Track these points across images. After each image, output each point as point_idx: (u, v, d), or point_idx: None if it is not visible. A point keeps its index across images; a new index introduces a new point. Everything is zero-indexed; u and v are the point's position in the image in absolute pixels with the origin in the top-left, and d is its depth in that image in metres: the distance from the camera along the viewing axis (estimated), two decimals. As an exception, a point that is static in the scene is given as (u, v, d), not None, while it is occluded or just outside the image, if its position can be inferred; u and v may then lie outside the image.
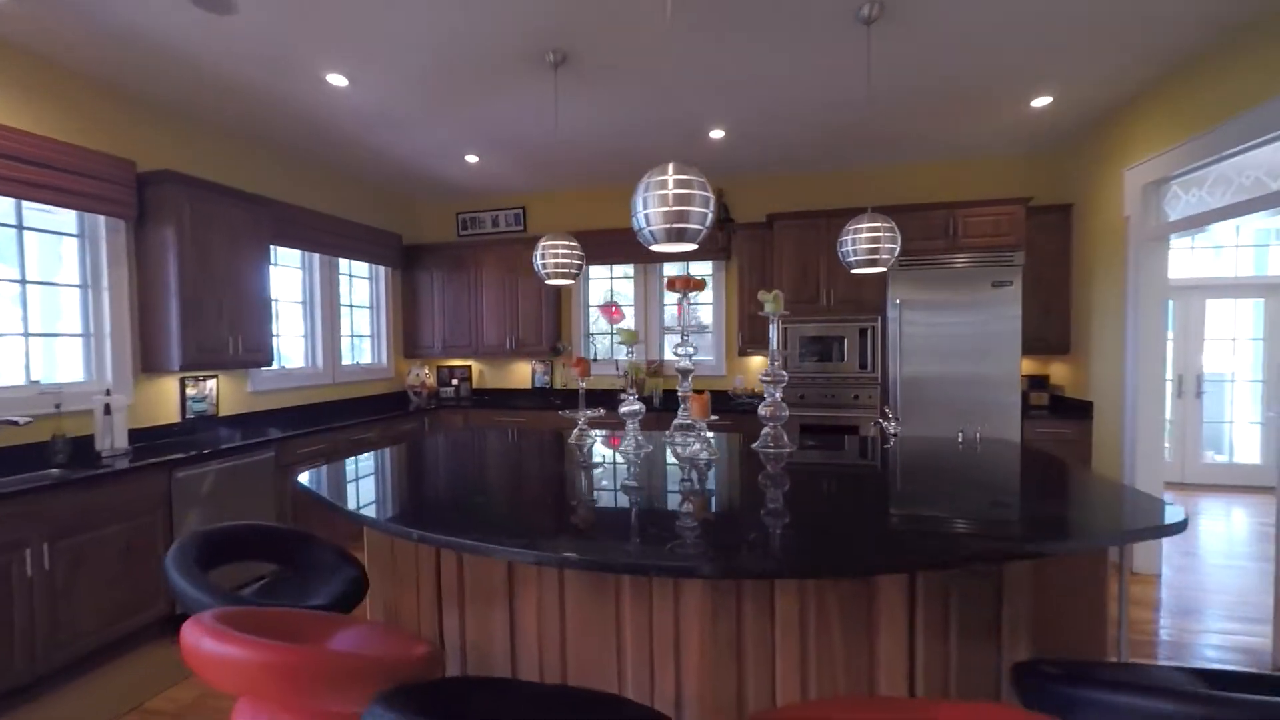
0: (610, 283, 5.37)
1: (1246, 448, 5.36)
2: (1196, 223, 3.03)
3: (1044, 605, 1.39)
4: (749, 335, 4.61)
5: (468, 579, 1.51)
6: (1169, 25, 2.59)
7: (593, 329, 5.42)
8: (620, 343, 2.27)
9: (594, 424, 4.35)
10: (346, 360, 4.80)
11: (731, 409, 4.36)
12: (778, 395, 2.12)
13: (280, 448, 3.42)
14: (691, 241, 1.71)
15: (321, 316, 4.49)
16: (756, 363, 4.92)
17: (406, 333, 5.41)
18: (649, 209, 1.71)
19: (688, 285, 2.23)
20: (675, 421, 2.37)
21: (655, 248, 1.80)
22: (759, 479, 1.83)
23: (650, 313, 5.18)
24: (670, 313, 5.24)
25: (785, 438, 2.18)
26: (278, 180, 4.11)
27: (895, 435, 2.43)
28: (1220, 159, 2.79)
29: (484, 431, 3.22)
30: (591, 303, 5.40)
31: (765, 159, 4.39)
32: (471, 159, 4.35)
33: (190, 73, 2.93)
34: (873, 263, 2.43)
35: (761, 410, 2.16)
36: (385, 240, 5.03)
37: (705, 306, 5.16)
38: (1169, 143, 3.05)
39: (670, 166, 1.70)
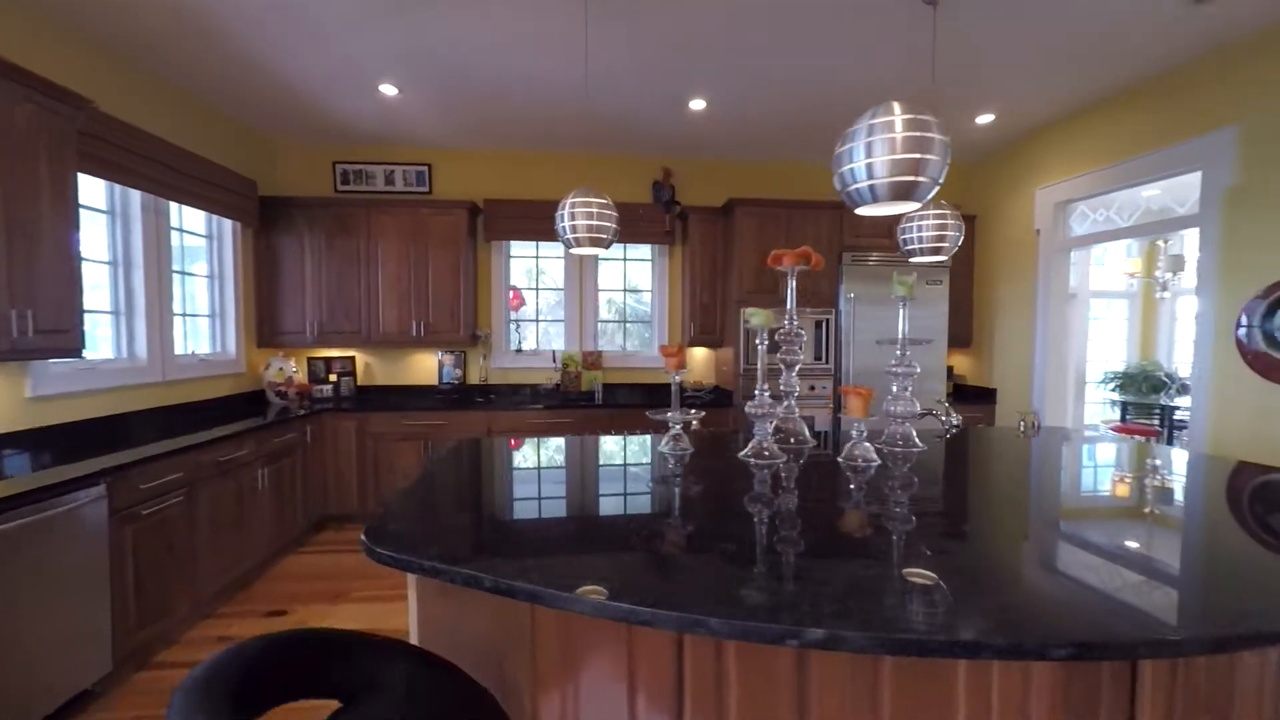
0: (536, 263, 4.71)
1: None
2: (1099, 239, 3.63)
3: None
4: (701, 325, 4.39)
5: (732, 669, 1.00)
6: (1103, 64, 3.00)
7: (517, 315, 4.69)
8: (756, 325, 1.85)
9: (509, 428, 3.72)
10: (179, 349, 3.41)
11: (633, 404, 4.09)
12: (909, 389, 1.92)
13: (114, 483, 2.22)
14: (919, 200, 1.40)
15: (146, 287, 3.10)
16: (700, 354, 4.73)
17: (263, 314, 4.08)
18: (874, 157, 1.35)
19: (803, 259, 1.90)
20: (775, 424, 2.02)
21: (868, 210, 1.46)
22: (977, 490, 1.61)
23: (586, 298, 4.65)
24: (606, 299, 4.78)
25: (915, 436, 2.00)
26: (87, 79, 2.69)
27: (956, 427, 2.42)
28: (1125, 188, 3.35)
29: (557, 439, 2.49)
30: (513, 285, 4.67)
31: (727, 141, 4.20)
32: (388, 91, 3.38)
33: None
34: (936, 250, 2.38)
35: (891, 407, 1.94)
36: (237, 185, 3.69)
37: (643, 294, 4.81)
38: (1079, 169, 3.59)
39: (896, 105, 1.37)
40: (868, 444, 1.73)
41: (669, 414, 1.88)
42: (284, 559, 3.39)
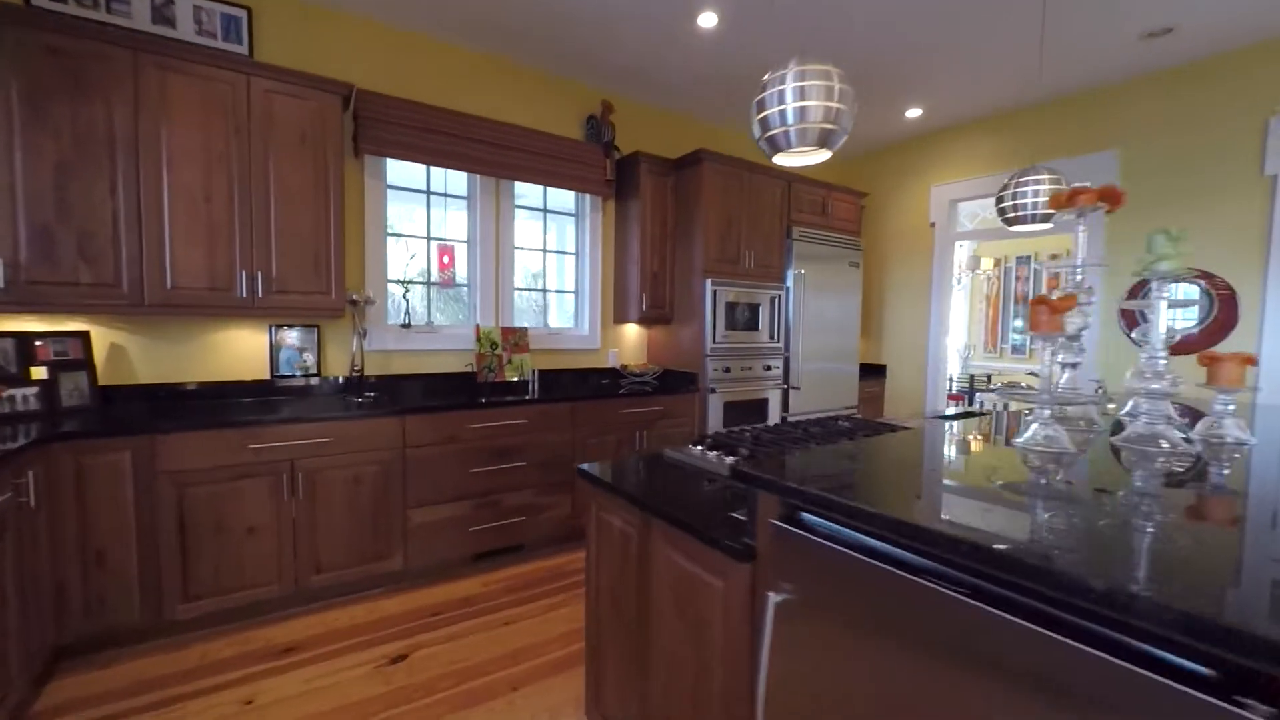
0: (427, 202, 3.28)
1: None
2: (989, 235, 4.23)
3: None
4: (653, 298, 3.69)
5: None
6: (1032, 76, 3.48)
7: (405, 272, 3.19)
8: (1167, 270, 1.34)
9: (441, 438, 2.35)
10: None
11: (627, 391, 3.37)
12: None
13: None
14: None
15: None
16: (631, 333, 3.99)
17: None
18: None
19: (1105, 199, 1.52)
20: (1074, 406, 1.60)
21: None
22: None
23: (501, 257, 3.44)
24: (527, 260, 3.63)
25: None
26: None
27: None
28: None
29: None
30: (394, 228, 3.16)
31: (691, 84, 3.55)
32: None
33: None
34: (1048, 217, 2.31)
35: (1156, 385, 1.71)
36: None
37: (566, 258, 3.83)
38: (977, 172, 4.14)
39: None
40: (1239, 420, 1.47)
41: (1042, 397, 1.30)
42: (-6, 771, 1.55)
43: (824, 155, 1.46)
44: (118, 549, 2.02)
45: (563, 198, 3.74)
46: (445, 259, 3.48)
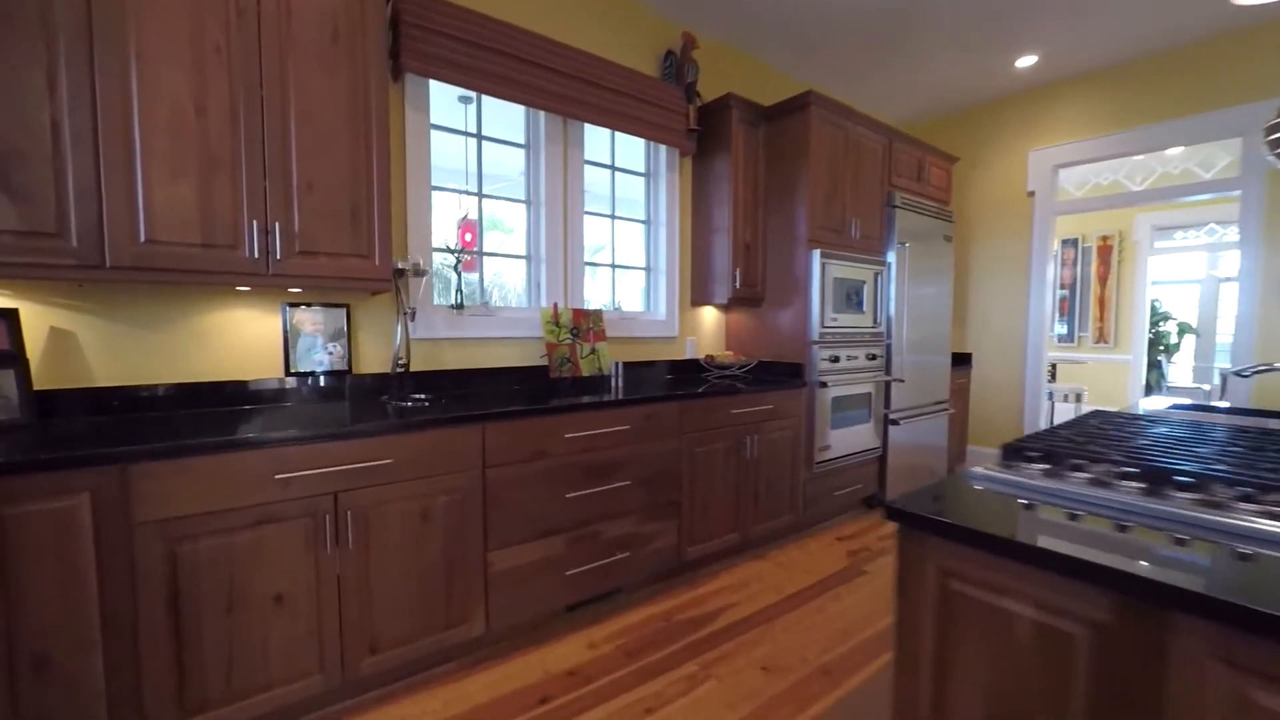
0: (478, 146, 2.56)
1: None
2: (1095, 205, 3.75)
3: None
4: (745, 275, 3.05)
5: None
6: (1172, 13, 2.99)
7: (448, 241, 2.47)
8: None
9: (527, 454, 1.54)
10: None
11: (715, 389, 2.72)
12: None
13: None
14: None
15: None
16: (710, 319, 3.35)
17: None
18: None
19: None
20: None
21: None
22: None
23: (570, 222, 2.75)
24: (594, 225, 2.94)
25: None
26: None
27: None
28: (1138, 154, 3.48)
29: None
30: (438, 180, 2.43)
31: (781, 27, 2.92)
32: None
33: None
34: (1349, 149, 1.77)
35: None
36: None
37: (631, 225, 3.15)
38: (1075, 135, 3.64)
39: None
40: None
41: None
42: None
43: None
44: (70, 647, 1.27)
45: (630, 155, 3.08)
46: (469, 236, 2.76)
